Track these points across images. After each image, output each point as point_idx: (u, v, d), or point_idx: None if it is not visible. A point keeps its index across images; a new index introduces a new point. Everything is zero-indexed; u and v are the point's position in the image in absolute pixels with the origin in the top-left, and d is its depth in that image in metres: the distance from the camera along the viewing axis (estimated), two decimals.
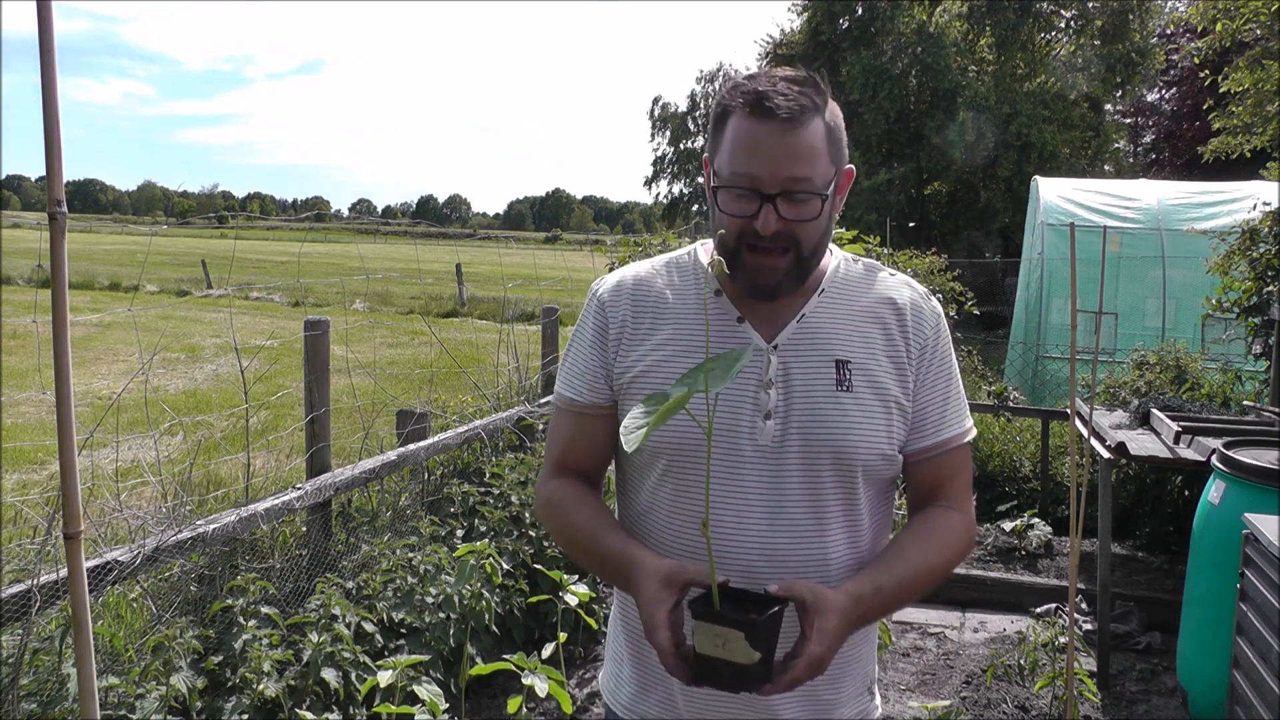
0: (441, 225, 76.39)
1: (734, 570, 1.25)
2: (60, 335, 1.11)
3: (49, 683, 2.29)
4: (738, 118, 1.23)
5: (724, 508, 1.27)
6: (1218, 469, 3.38)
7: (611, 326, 1.35)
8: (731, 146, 1.23)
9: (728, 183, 1.24)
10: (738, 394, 1.28)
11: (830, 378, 1.29)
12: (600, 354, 1.36)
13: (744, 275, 1.26)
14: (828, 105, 1.25)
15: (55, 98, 1.08)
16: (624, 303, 1.36)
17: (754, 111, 1.20)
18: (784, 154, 1.20)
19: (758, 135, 1.20)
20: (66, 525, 1.16)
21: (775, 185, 1.20)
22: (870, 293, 1.37)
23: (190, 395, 9.12)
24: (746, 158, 1.21)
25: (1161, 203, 10.01)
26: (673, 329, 1.32)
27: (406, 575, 3.25)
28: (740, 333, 1.30)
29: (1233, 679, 2.88)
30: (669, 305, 1.34)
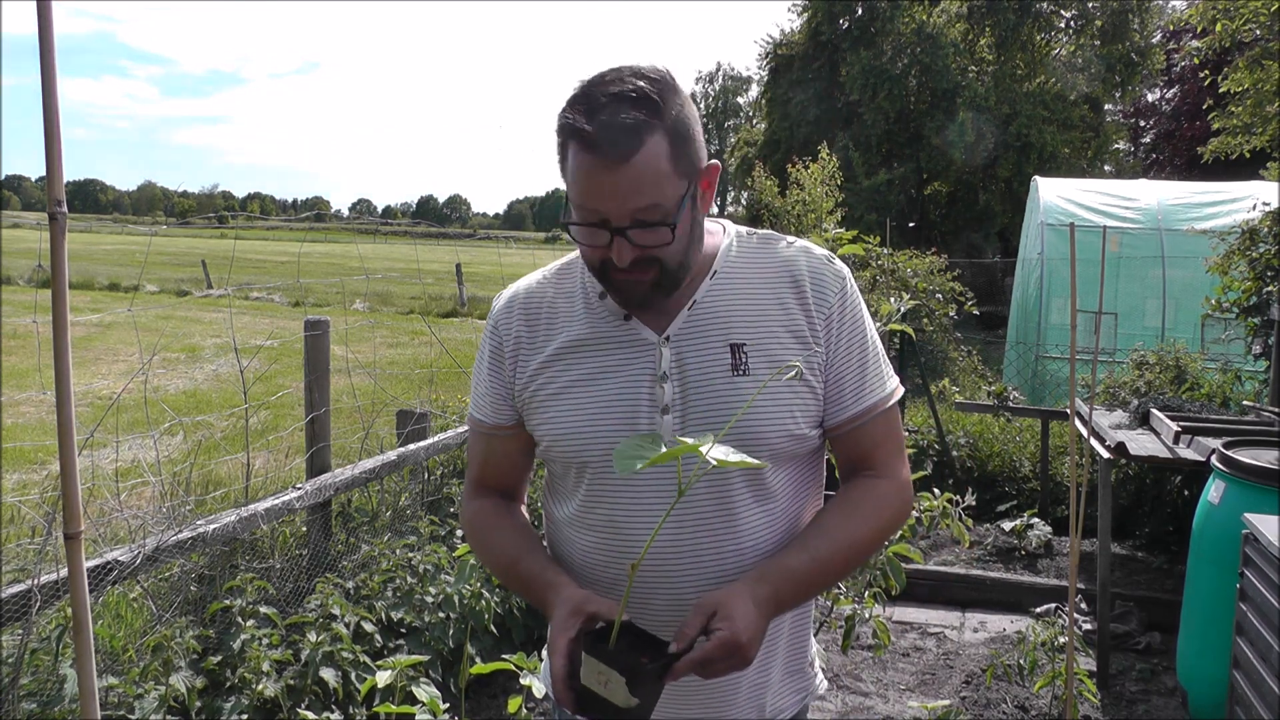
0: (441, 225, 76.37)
1: (646, 571, 1.24)
2: (60, 335, 1.11)
3: (49, 683, 2.29)
4: (574, 148, 1.16)
5: (628, 508, 1.25)
6: (1217, 469, 3.38)
7: (506, 345, 1.34)
8: (574, 177, 1.17)
9: (577, 216, 1.19)
10: (631, 390, 1.25)
11: (725, 363, 1.24)
12: (498, 375, 1.35)
13: (613, 290, 1.25)
14: (669, 109, 1.16)
15: (55, 98, 1.08)
16: (515, 319, 1.35)
17: (586, 148, 1.14)
18: (625, 190, 1.13)
19: (595, 171, 1.14)
20: (66, 525, 1.16)
21: (623, 219, 1.15)
22: (767, 266, 1.31)
23: (190, 395, 9.12)
24: (589, 193, 1.16)
25: (1161, 203, 10.02)
26: (564, 337, 1.30)
27: (406, 575, 3.25)
28: (629, 329, 1.28)
29: (1233, 679, 2.88)
30: (558, 314, 1.33)
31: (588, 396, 1.27)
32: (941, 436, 6.35)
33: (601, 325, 1.29)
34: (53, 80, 1.08)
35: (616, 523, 1.27)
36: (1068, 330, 5.67)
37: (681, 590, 1.25)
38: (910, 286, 7.81)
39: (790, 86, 24.98)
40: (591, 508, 1.29)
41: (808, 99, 24.03)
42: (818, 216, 10.01)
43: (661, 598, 1.26)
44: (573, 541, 1.33)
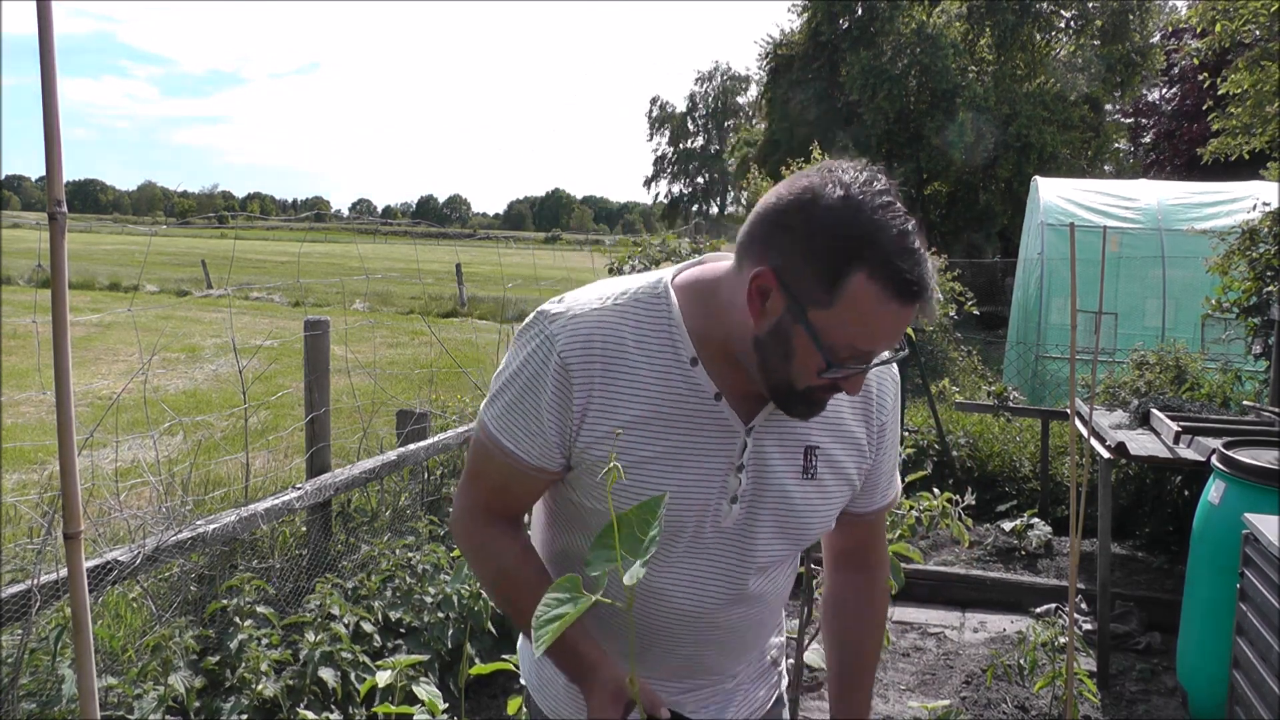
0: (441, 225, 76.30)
1: (686, 646, 1.31)
2: (60, 335, 1.11)
3: (48, 683, 2.29)
4: (873, 294, 1.04)
5: (678, 586, 1.27)
6: (1217, 469, 3.38)
7: (576, 397, 1.18)
8: (861, 325, 1.06)
9: (839, 356, 1.09)
10: (710, 476, 1.22)
11: (798, 465, 1.25)
12: (559, 423, 1.19)
13: (796, 404, 1.16)
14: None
15: (55, 98, 1.08)
16: (593, 371, 1.17)
17: (896, 295, 1.04)
18: (905, 328, 1.11)
19: (896, 320, 1.06)
20: (66, 525, 1.16)
21: (881, 353, 1.13)
22: None
23: (190, 395, 9.12)
24: (873, 339, 1.08)
25: (1161, 203, 10.02)
26: (641, 402, 1.18)
27: (405, 575, 3.25)
28: (717, 411, 1.20)
29: (1233, 679, 2.88)
30: (639, 371, 1.19)
31: (667, 474, 1.21)
32: (941, 436, 6.35)
33: (690, 400, 1.20)
34: (53, 80, 1.08)
35: (658, 584, 1.27)
36: (1068, 330, 5.67)
37: (700, 634, 1.32)
38: None
39: (790, 86, 24.98)
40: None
41: (808, 99, 24.04)
42: None
43: (677, 638, 1.32)
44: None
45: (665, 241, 7.19)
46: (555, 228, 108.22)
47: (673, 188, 59.32)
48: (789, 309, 1.09)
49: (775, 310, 1.10)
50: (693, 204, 57.95)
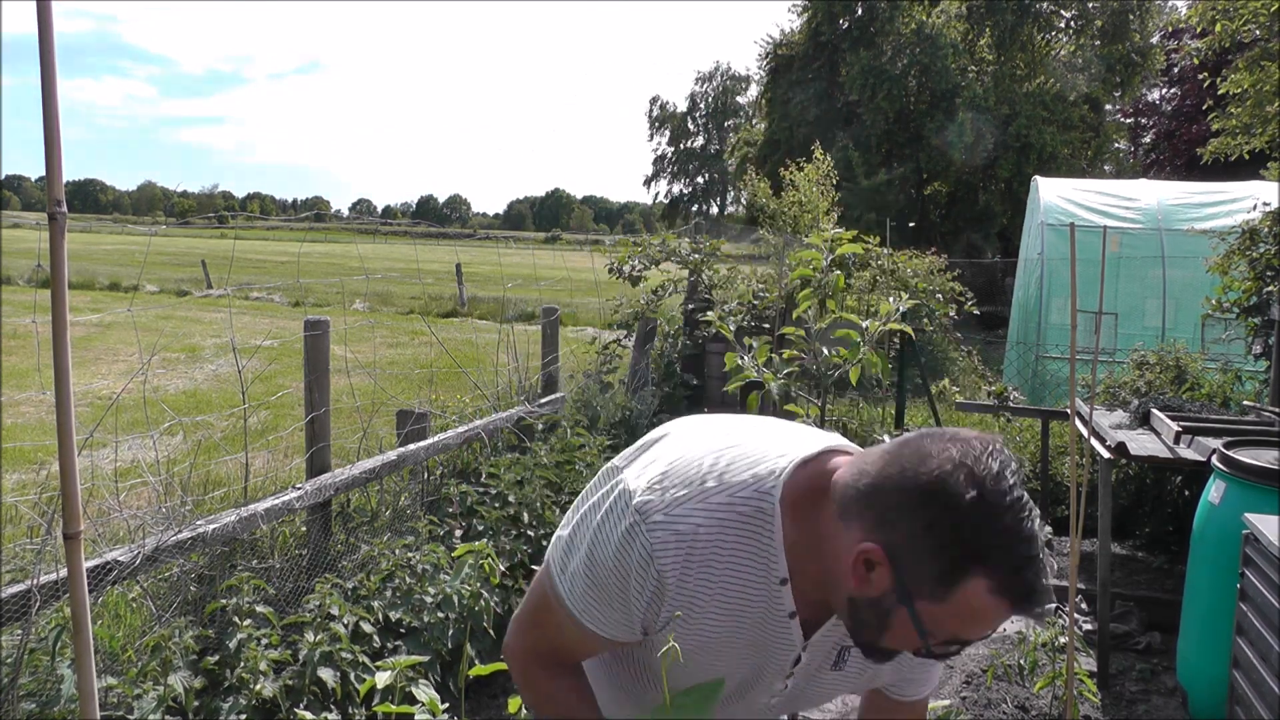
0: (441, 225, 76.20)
1: None
2: (60, 335, 1.11)
3: (48, 683, 2.29)
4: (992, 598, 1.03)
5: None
6: (1218, 469, 3.38)
7: (665, 608, 1.19)
8: (969, 620, 1.06)
9: (938, 640, 1.09)
10: (764, 680, 1.30)
11: (831, 659, 1.32)
12: (644, 618, 1.21)
13: (869, 651, 1.19)
14: None
15: (55, 98, 1.08)
16: (688, 588, 1.18)
17: (1017, 604, 1.04)
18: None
19: (1000, 618, 1.07)
20: (66, 525, 1.16)
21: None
22: None
23: (190, 395, 9.12)
24: (981, 630, 1.08)
25: (1161, 203, 10.02)
26: (726, 621, 1.21)
27: (405, 575, 3.25)
28: (788, 628, 1.23)
29: (1233, 679, 2.88)
30: (730, 591, 1.20)
31: (728, 669, 1.27)
32: None
33: (769, 615, 1.22)
34: (53, 80, 1.08)
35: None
36: (1068, 330, 5.67)
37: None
38: (910, 286, 7.81)
39: (790, 86, 24.99)
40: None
41: (808, 99, 24.05)
42: (814, 217, 10.02)
43: None
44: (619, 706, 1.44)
45: (665, 241, 7.20)
46: (555, 228, 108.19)
47: (673, 188, 59.35)
48: (896, 591, 1.07)
49: (880, 586, 1.08)
50: (693, 204, 57.96)
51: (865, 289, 7.96)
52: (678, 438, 1.29)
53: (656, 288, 7.08)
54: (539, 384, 5.47)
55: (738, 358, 3.19)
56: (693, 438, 1.27)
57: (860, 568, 1.09)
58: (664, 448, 1.27)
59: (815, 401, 3.51)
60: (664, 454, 1.25)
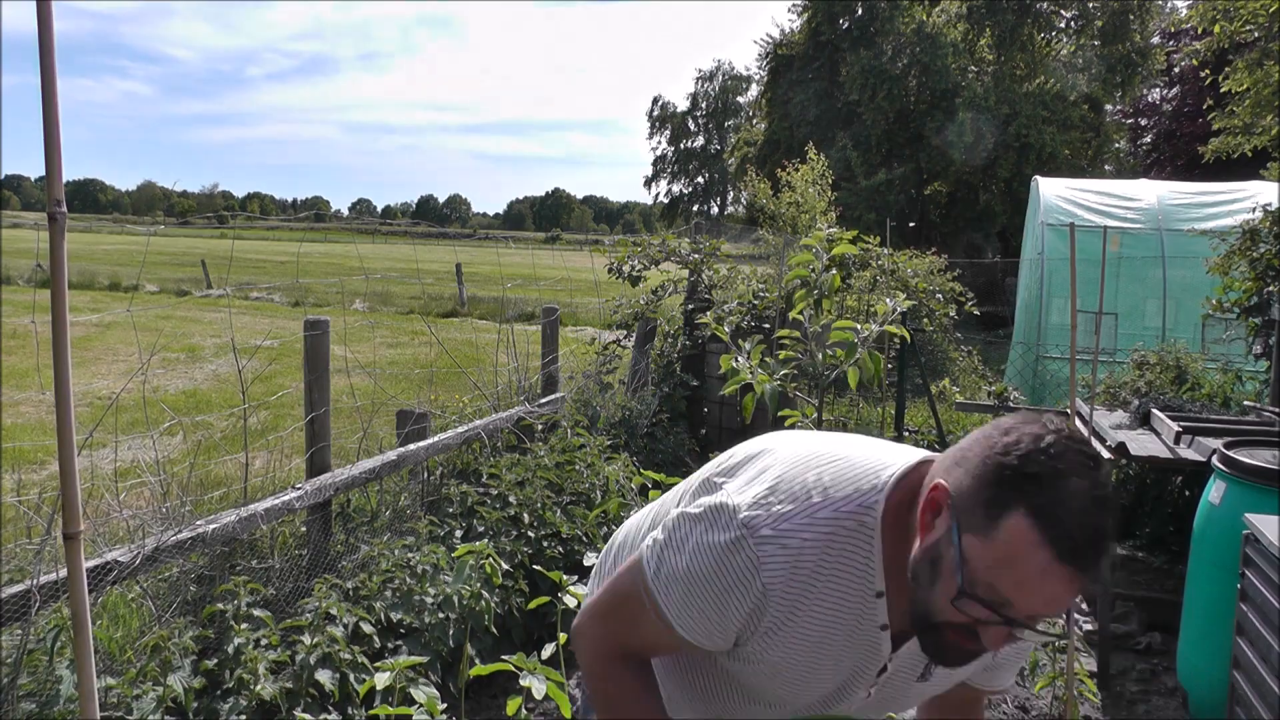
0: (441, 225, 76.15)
1: None
2: (60, 335, 1.11)
3: (48, 683, 2.29)
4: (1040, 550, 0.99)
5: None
6: (1218, 469, 3.38)
7: (766, 618, 1.20)
8: (1021, 580, 1.01)
9: (975, 589, 1.04)
10: (850, 687, 1.31)
11: (919, 670, 1.33)
12: (740, 629, 1.23)
13: (930, 645, 1.15)
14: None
15: (55, 98, 1.08)
16: (791, 600, 1.19)
17: (1065, 560, 0.99)
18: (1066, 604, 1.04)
19: (1045, 578, 1.00)
20: (66, 525, 1.16)
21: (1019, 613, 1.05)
22: None
23: (190, 395, 9.12)
24: (1019, 587, 1.02)
25: (1161, 203, 10.02)
26: (822, 631, 1.22)
27: (405, 575, 3.24)
28: (878, 639, 1.24)
29: (1233, 679, 2.88)
30: (828, 603, 1.21)
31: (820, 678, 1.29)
32: (942, 437, 6.35)
33: (862, 625, 1.22)
34: (53, 80, 1.08)
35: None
36: (1068, 330, 5.67)
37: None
38: (910, 286, 7.82)
39: (790, 86, 24.99)
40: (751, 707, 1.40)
41: (808, 99, 24.04)
42: (811, 217, 10.03)
43: None
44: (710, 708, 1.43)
45: (665, 241, 7.19)
46: (555, 228, 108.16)
47: (673, 187, 59.30)
48: (951, 528, 1.06)
49: (940, 529, 1.08)
50: (693, 204, 57.91)
51: (865, 289, 7.96)
52: (779, 454, 1.29)
53: (656, 288, 7.08)
54: (539, 384, 5.47)
55: (733, 359, 3.20)
56: (794, 453, 1.27)
57: (928, 511, 1.10)
58: (765, 462, 1.28)
59: (813, 402, 3.52)
60: (768, 470, 1.25)
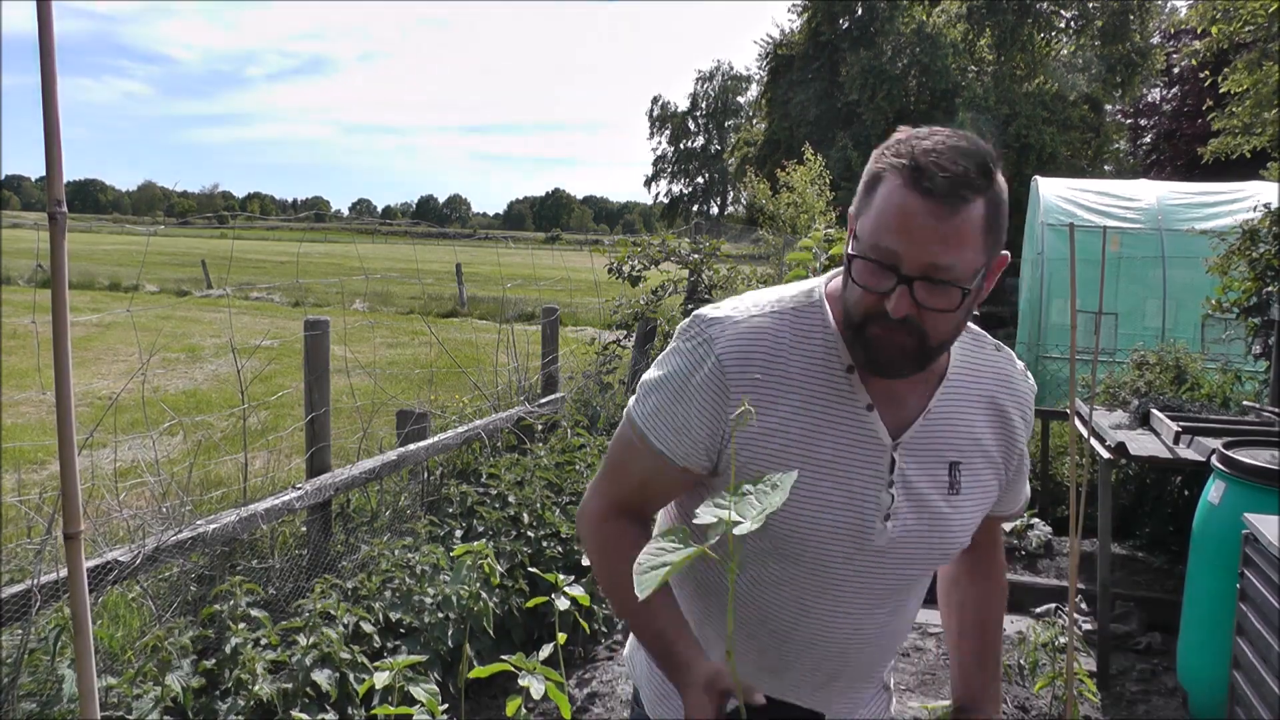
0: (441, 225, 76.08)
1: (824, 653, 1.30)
2: (60, 335, 1.11)
3: (48, 683, 2.29)
4: (891, 183, 1.10)
5: (824, 597, 1.27)
6: (1217, 469, 3.38)
7: (731, 397, 1.20)
8: (879, 215, 1.10)
9: (866, 253, 1.12)
10: (864, 491, 1.22)
11: (944, 481, 1.26)
12: (710, 423, 1.22)
13: (863, 348, 1.16)
14: (995, 182, 1.12)
15: (55, 98, 1.08)
16: (748, 371, 1.20)
17: (910, 183, 1.08)
18: (933, 237, 1.07)
19: (909, 211, 1.08)
20: (66, 525, 1.16)
21: (916, 268, 1.09)
22: (984, 379, 1.31)
23: (190, 395, 9.12)
24: (892, 233, 1.09)
25: (1161, 203, 10.01)
26: (795, 409, 1.20)
27: (404, 576, 3.24)
28: (868, 423, 1.21)
29: (1233, 679, 2.88)
30: (793, 374, 1.21)
31: (821, 486, 1.21)
32: None
33: (843, 409, 1.21)
34: (53, 80, 1.08)
35: (807, 602, 1.28)
36: (1068, 330, 5.68)
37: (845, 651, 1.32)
38: None
39: (790, 86, 24.99)
40: (785, 581, 1.27)
41: (808, 99, 24.04)
42: (810, 217, 10.03)
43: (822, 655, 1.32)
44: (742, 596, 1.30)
45: (665, 241, 7.19)
46: (555, 228, 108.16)
47: (673, 187, 59.30)
48: (851, 235, 1.16)
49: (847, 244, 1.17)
50: (693, 204, 57.90)
51: None
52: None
53: (656, 288, 7.08)
54: (539, 384, 5.47)
55: None
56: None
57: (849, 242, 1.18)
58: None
59: None
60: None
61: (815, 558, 1.24)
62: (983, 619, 1.47)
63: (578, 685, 3.71)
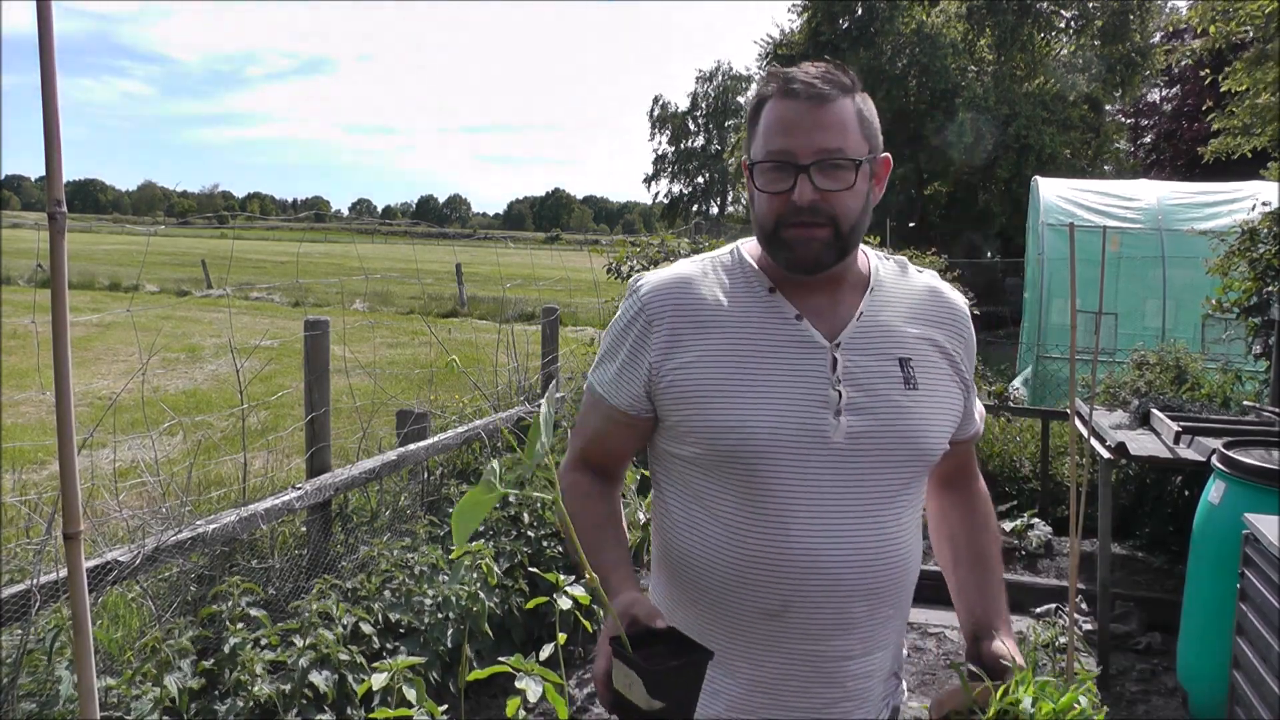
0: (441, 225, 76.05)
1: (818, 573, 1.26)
2: (60, 335, 1.11)
3: (48, 683, 2.29)
4: (770, 104, 1.27)
5: (799, 508, 1.25)
6: (1218, 469, 3.38)
7: (654, 333, 1.31)
8: (765, 129, 1.26)
9: (763, 159, 1.26)
10: (806, 391, 1.26)
11: (897, 376, 1.30)
12: (640, 363, 1.32)
13: (783, 250, 1.27)
14: (858, 91, 1.28)
15: (55, 98, 1.08)
16: (669, 307, 1.31)
17: (785, 92, 1.25)
18: (815, 125, 1.23)
19: (789, 112, 1.24)
20: (66, 525, 1.15)
21: (809, 156, 1.22)
22: (912, 290, 1.39)
23: (190, 395, 9.12)
24: (780, 135, 1.24)
25: (1161, 203, 10.01)
26: (723, 332, 1.29)
27: (404, 576, 3.24)
28: (801, 330, 1.29)
29: (1233, 679, 2.88)
30: (719, 306, 1.31)
31: (761, 394, 1.26)
32: None
33: (771, 322, 1.30)
34: (53, 80, 1.07)
35: (784, 519, 1.26)
36: (1068, 330, 5.68)
37: (839, 578, 1.27)
38: None
39: None
40: (755, 504, 1.27)
41: None
42: None
43: (816, 585, 1.27)
44: (716, 538, 1.30)
45: (664, 242, 7.19)
46: (555, 228, 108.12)
47: (673, 187, 59.24)
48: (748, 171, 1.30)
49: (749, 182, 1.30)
50: (693, 204, 57.86)
51: None
52: None
53: None
54: (539, 384, 5.47)
55: None
56: None
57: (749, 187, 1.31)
58: None
59: None
60: None
61: (776, 463, 1.25)
62: (977, 551, 1.46)
63: (578, 685, 3.71)
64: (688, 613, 1.36)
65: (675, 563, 1.37)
